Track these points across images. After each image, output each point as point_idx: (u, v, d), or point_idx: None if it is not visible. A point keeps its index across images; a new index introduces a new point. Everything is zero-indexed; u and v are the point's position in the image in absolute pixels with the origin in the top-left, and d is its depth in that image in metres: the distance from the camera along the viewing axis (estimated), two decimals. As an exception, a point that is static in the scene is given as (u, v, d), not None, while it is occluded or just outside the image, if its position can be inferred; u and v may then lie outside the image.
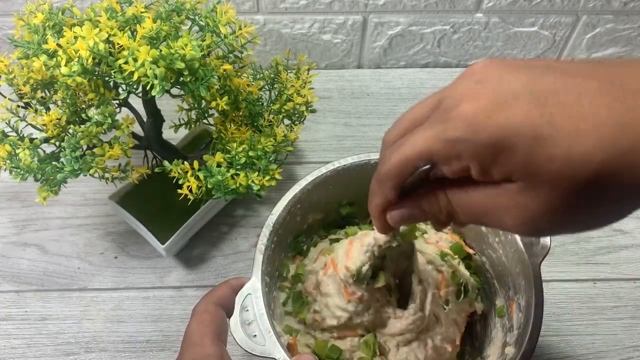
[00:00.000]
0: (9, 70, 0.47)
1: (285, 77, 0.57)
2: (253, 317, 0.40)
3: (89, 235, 0.63)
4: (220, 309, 0.40)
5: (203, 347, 0.38)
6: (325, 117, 0.75)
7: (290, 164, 0.70)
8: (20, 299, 0.59)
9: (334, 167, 0.49)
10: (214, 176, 0.48)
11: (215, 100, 0.49)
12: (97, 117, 0.46)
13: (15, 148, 0.46)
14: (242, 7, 0.73)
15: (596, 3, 0.74)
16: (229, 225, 0.65)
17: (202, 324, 0.39)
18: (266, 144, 0.51)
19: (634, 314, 0.59)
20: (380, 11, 0.74)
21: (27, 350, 0.56)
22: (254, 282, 0.42)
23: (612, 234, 0.64)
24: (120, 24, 0.45)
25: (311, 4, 0.73)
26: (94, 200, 0.66)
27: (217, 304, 0.40)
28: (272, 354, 0.39)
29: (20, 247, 0.63)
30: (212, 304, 0.40)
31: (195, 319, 0.39)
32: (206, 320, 0.39)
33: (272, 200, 0.47)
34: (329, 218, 0.55)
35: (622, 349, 0.57)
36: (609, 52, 0.81)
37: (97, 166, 0.47)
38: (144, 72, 0.42)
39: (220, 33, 0.48)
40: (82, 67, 0.42)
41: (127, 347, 0.56)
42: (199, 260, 0.62)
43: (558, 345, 0.57)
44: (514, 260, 0.45)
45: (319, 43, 0.78)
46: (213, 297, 0.41)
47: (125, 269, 0.61)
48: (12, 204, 0.66)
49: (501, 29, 0.78)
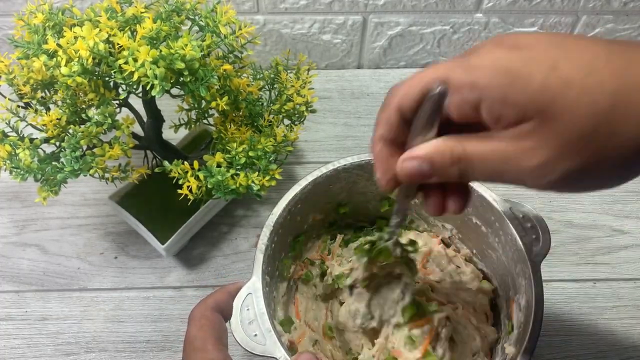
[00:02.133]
0: (9, 70, 0.47)
1: (285, 77, 0.57)
2: (254, 316, 0.40)
3: (89, 235, 0.63)
4: (217, 313, 0.40)
5: (206, 352, 0.37)
6: (325, 117, 0.75)
7: (290, 164, 0.70)
8: (20, 299, 0.59)
9: (334, 167, 0.49)
10: (214, 176, 0.48)
11: (215, 100, 0.49)
12: (97, 117, 0.46)
13: (15, 148, 0.46)
14: (242, 7, 0.73)
15: (596, 3, 0.74)
16: (229, 225, 0.65)
17: (202, 329, 0.39)
18: (266, 144, 0.51)
19: (634, 314, 0.59)
20: (380, 11, 0.74)
21: (27, 350, 0.56)
22: (255, 281, 0.42)
23: (612, 234, 0.64)
24: (120, 24, 0.45)
25: (311, 4, 0.73)
26: (94, 200, 0.66)
27: (213, 309, 0.40)
28: (272, 353, 0.39)
29: (20, 247, 0.63)
30: (209, 309, 0.40)
31: (194, 325, 0.39)
32: (205, 326, 0.39)
33: (272, 200, 0.47)
34: (329, 218, 0.56)
35: (622, 349, 0.57)
36: (609, 52, 0.81)
37: (97, 166, 0.47)
38: (144, 72, 0.42)
39: (220, 33, 0.48)
40: (82, 67, 0.42)
41: (127, 347, 0.56)
42: (199, 260, 0.62)
43: (558, 345, 0.57)
44: (513, 260, 0.45)
45: (319, 43, 0.78)
46: (209, 302, 0.41)
47: (125, 269, 0.61)
48: (12, 204, 0.66)
49: (501, 29, 0.78)
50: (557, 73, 0.26)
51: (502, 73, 0.27)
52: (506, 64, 0.27)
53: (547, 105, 0.26)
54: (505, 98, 0.27)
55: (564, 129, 0.26)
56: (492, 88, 0.27)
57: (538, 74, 0.26)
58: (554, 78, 0.26)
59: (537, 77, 0.26)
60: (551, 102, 0.26)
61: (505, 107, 0.27)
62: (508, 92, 0.27)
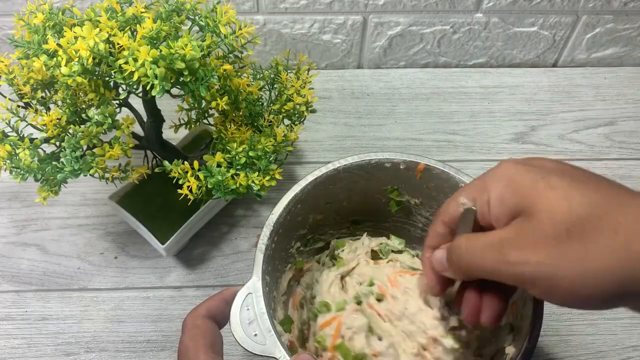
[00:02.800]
0: (9, 70, 0.47)
1: (285, 77, 0.57)
2: (253, 316, 0.40)
3: (89, 235, 0.63)
4: (209, 321, 0.39)
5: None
6: (325, 117, 0.75)
7: (290, 164, 0.70)
8: (20, 299, 0.59)
9: (334, 167, 0.49)
10: (214, 176, 0.48)
11: (215, 100, 0.49)
12: (97, 117, 0.46)
13: (16, 148, 0.46)
14: (242, 7, 0.73)
15: (596, 3, 0.74)
16: (229, 225, 0.65)
17: (193, 339, 0.38)
18: (266, 144, 0.51)
19: (634, 314, 0.58)
20: (380, 11, 0.75)
21: (27, 350, 0.56)
22: (255, 281, 0.42)
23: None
24: (120, 24, 0.45)
25: (311, 4, 0.73)
26: (94, 200, 0.66)
27: (205, 317, 0.39)
28: (272, 353, 0.39)
29: (20, 247, 0.63)
30: (200, 317, 0.39)
31: (186, 335, 0.39)
32: (197, 336, 0.38)
33: (272, 200, 0.47)
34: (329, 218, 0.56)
35: (622, 349, 0.57)
36: (609, 52, 0.81)
37: (97, 166, 0.47)
38: (144, 72, 0.42)
39: (220, 33, 0.48)
40: (82, 67, 0.42)
41: (127, 347, 0.56)
42: (199, 260, 0.62)
43: (558, 345, 0.57)
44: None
45: (319, 43, 0.79)
46: (201, 310, 0.40)
47: (125, 269, 0.61)
48: (12, 204, 0.66)
49: (501, 29, 0.78)
50: (547, 179, 0.31)
51: (504, 178, 0.33)
52: (508, 172, 0.33)
53: (532, 202, 0.30)
54: (502, 197, 0.32)
55: (541, 224, 0.30)
56: (494, 190, 0.33)
57: (530, 179, 0.31)
58: (542, 182, 0.30)
59: (529, 180, 0.31)
60: (536, 199, 0.30)
61: (501, 205, 0.32)
62: (504, 192, 0.32)
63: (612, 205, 0.28)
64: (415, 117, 0.76)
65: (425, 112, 0.76)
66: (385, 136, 0.73)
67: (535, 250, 0.29)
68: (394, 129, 0.74)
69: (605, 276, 0.27)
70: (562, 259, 0.28)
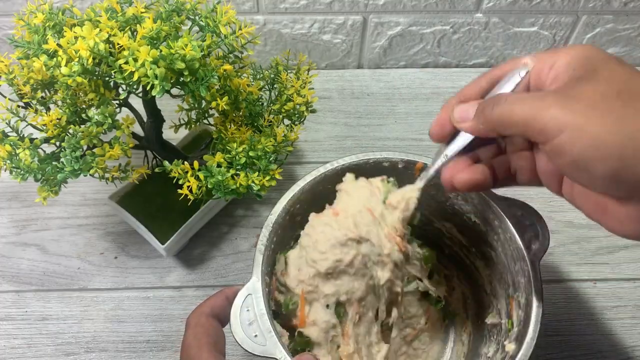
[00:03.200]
0: (9, 70, 0.47)
1: (285, 77, 0.57)
2: (254, 317, 0.40)
3: (89, 235, 0.63)
4: (213, 319, 0.40)
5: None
6: (325, 117, 0.75)
7: (290, 164, 0.70)
8: (20, 299, 0.59)
9: (334, 166, 0.49)
10: (214, 176, 0.48)
11: (215, 100, 0.49)
12: (97, 117, 0.46)
13: (16, 148, 0.46)
14: (242, 7, 0.73)
15: (596, 3, 0.74)
16: (229, 225, 0.65)
17: (197, 337, 0.38)
18: (266, 144, 0.51)
19: (634, 314, 0.59)
20: (380, 11, 0.75)
21: (27, 350, 0.56)
22: (254, 282, 0.42)
23: (612, 234, 0.64)
24: (120, 24, 0.45)
25: (311, 4, 0.73)
26: (94, 200, 0.66)
27: (209, 315, 0.40)
28: (273, 354, 0.39)
29: (20, 247, 0.63)
30: (204, 315, 0.40)
31: (190, 333, 0.39)
32: (200, 334, 0.38)
33: (272, 200, 0.47)
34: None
35: (622, 349, 0.57)
36: (609, 52, 0.81)
37: (97, 166, 0.47)
38: (144, 72, 0.42)
39: (220, 33, 0.48)
40: (82, 67, 0.42)
41: (127, 347, 0.56)
42: (199, 260, 0.62)
43: (558, 345, 0.57)
44: (513, 258, 0.45)
45: (319, 43, 0.79)
46: (204, 308, 0.40)
47: (125, 269, 0.61)
48: (12, 204, 0.66)
49: (501, 29, 0.78)
50: (619, 60, 0.31)
51: (580, 51, 0.32)
52: (585, 47, 0.33)
53: (595, 69, 0.30)
54: (570, 63, 0.32)
55: (592, 84, 0.30)
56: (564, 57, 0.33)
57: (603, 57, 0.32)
58: (614, 60, 0.31)
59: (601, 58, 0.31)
60: (601, 68, 0.30)
61: (566, 69, 0.32)
62: (574, 61, 0.32)
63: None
64: (415, 117, 0.76)
65: (425, 112, 0.76)
66: (385, 136, 0.73)
67: (578, 101, 0.29)
68: (393, 129, 0.74)
69: (635, 138, 0.27)
70: (599, 115, 0.28)
